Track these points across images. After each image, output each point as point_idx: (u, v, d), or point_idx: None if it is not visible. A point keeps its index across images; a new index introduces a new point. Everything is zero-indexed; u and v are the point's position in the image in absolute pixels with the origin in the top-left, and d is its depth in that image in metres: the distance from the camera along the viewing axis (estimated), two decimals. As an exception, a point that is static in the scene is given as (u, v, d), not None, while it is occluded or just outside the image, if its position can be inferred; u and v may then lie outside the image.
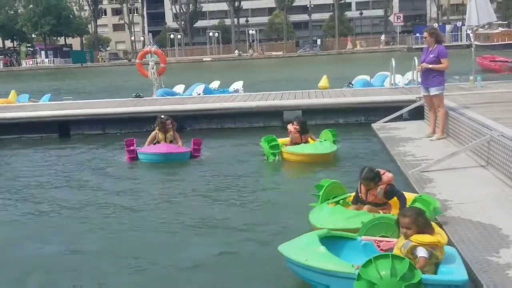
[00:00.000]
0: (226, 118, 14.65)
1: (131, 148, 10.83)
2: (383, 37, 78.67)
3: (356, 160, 10.15)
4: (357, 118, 14.29)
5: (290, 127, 10.69)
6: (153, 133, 11.16)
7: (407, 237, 4.70)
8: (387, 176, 6.37)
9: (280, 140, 10.54)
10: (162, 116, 11.31)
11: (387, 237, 5.26)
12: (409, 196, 6.42)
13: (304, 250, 4.94)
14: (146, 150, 10.81)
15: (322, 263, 4.75)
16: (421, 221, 4.69)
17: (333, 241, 5.19)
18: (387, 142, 10.98)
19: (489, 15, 13.95)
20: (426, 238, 4.62)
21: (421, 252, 4.57)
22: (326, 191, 6.58)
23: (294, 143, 10.54)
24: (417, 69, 11.11)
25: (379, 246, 5.10)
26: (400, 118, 13.29)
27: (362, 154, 10.65)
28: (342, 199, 6.56)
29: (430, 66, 10.11)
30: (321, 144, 10.36)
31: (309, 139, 10.64)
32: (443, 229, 5.97)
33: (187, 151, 10.89)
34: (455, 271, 4.60)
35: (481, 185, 7.44)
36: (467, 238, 5.58)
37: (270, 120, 14.48)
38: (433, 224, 4.91)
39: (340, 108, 14.34)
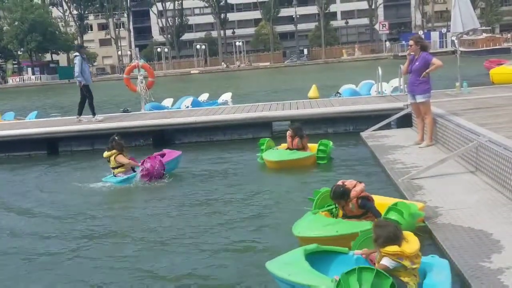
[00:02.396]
0: (215, 130, 14.64)
1: None
2: (388, 44, 78.28)
3: (345, 168, 10.18)
4: (346, 127, 14.34)
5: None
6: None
7: (375, 246, 4.81)
8: (355, 190, 6.29)
9: (283, 145, 11.13)
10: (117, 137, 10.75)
11: None
12: (389, 201, 6.44)
13: (289, 266, 4.98)
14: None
15: (303, 278, 4.74)
16: (376, 234, 4.75)
17: (325, 256, 5.19)
18: (376, 150, 11.01)
19: (473, 21, 14.09)
20: (391, 248, 4.66)
21: (385, 262, 4.66)
22: (320, 199, 6.74)
23: (287, 148, 10.97)
24: (403, 70, 11.15)
25: (371, 260, 5.08)
26: (388, 126, 13.36)
27: (351, 163, 10.67)
28: (336, 207, 6.59)
29: (428, 70, 10.13)
30: (292, 152, 10.75)
31: (304, 145, 10.90)
32: (433, 235, 6.01)
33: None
34: (437, 285, 4.62)
35: (471, 191, 7.48)
36: (458, 244, 5.60)
37: (259, 131, 14.48)
38: (407, 233, 4.88)
39: (329, 118, 14.39)
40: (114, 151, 10.41)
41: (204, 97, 21.77)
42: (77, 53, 15.77)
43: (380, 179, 9.00)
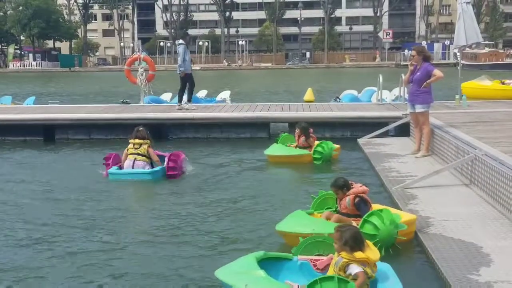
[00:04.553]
0: (212, 128, 14.63)
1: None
2: (408, 51, 77.70)
3: (340, 174, 10.12)
4: (343, 133, 14.33)
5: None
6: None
7: (338, 251, 4.71)
8: (357, 188, 6.47)
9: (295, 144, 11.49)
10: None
11: (323, 255, 5.20)
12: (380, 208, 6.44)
13: (244, 275, 4.79)
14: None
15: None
16: (345, 238, 4.62)
17: (270, 262, 5.04)
18: (372, 157, 11.02)
19: (476, 35, 14.13)
20: (356, 254, 4.58)
21: (355, 269, 4.52)
22: (321, 199, 6.92)
23: (296, 145, 11.37)
24: (404, 80, 11.21)
25: (315, 265, 5.04)
26: (386, 134, 13.36)
27: (346, 169, 10.66)
28: (333, 210, 6.65)
29: (429, 81, 10.14)
30: (289, 149, 11.29)
31: (310, 144, 11.22)
32: (424, 245, 6.01)
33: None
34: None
35: (464, 203, 7.48)
36: (447, 255, 5.60)
37: (257, 131, 14.48)
38: (367, 241, 4.86)
39: (327, 122, 14.38)
40: (148, 141, 10.07)
41: (202, 93, 21.76)
42: (181, 41, 15.51)
43: (374, 187, 8.98)
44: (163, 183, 9.67)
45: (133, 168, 9.90)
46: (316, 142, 11.14)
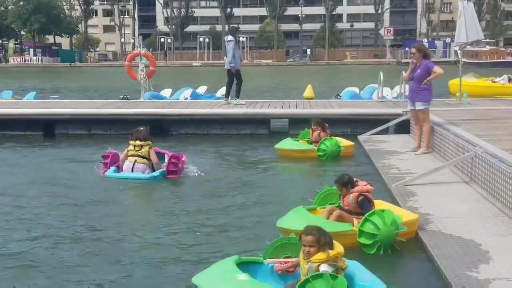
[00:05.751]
0: (213, 124, 14.62)
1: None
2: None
3: (339, 170, 10.07)
4: (344, 130, 14.30)
5: None
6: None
7: (309, 256, 4.58)
8: (361, 186, 6.48)
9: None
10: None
11: (291, 257, 5.14)
12: (381, 206, 6.45)
13: (225, 281, 4.65)
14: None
15: None
16: (323, 240, 4.59)
17: (243, 266, 4.91)
18: (372, 154, 11.02)
19: (477, 33, 14.11)
20: (331, 252, 4.55)
21: (323, 268, 4.49)
22: (324, 195, 6.96)
23: (309, 141, 11.67)
24: (405, 77, 11.25)
25: (281, 269, 4.98)
26: (386, 131, 13.36)
27: (346, 165, 10.66)
28: (337, 206, 6.64)
29: (429, 79, 10.14)
30: (296, 144, 11.56)
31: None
32: (423, 242, 6.01)
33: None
34: (374, 284, 4.61)
35: (463, 200, 7.48)
36: (447, 252, 5.61)
37: (257, 127, 14.47)
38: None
39: (327, 119, 14.32)
40: (150, 142, 9.71)
41: (202, 89, 21.74)
42: (231, 38, 15.45)
43: (374, 183, 8.94)
44: (162, 181, 9.55)
45: (132, 170, 9.57)
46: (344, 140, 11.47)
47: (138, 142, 9.65)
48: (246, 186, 9.21)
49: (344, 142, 11.42)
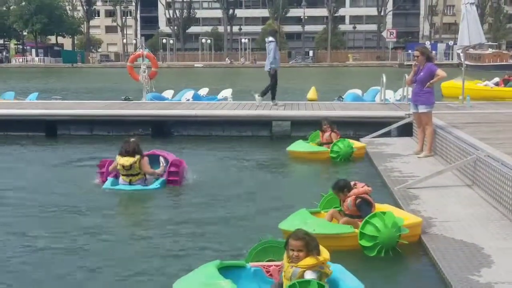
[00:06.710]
0: (215, 125, 14.61)
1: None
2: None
3: (341, 173, 10.12)
4: (346, 132, 14.24)
5: None
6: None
7: (298, 260, 4.47)
8: (358, 189, 6.43)
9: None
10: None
11: (275, 261, 5.08)
12: (383, 208, 6.41)
13: (208, 286, 4.57)
14: None
15: None
16: (312, 245, 4.51)
17: (225, 271, 4.85)
18: (374, 157, 11.01)
19: (480, 36, 14.10)
20: (317, 259, 4.48)
21: (308, 275, 4.41)
22: (328, 198, 6.92)
23: (319, 142, 11.68)
24: (407, 80, 11.25)
25: (268, 272, 4.95)
26: (388, 134, 13.34)
27: (347, 168, 10.65)
28: (339, 210, 6.61)
29: (432, 81, 10.14)
30: (308, 146, 11.60)
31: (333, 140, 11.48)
32: (425, 246, 6.00)
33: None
34: (352, 284, 4.61)
35: (466, 204, 7.47)
36: (449, 256, 5.60)
37: (258, 130, 14.46)
38: None
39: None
40: (138, 156, 8.93)
41: (204, 91, 21.74)
42: (272, 39, 15.55)
43: (376, 186, 8.95)
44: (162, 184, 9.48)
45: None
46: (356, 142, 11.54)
47: (126, 162, 8.88)
48: (250, 188, 9.16)
49: (356, 144, 11.49)
